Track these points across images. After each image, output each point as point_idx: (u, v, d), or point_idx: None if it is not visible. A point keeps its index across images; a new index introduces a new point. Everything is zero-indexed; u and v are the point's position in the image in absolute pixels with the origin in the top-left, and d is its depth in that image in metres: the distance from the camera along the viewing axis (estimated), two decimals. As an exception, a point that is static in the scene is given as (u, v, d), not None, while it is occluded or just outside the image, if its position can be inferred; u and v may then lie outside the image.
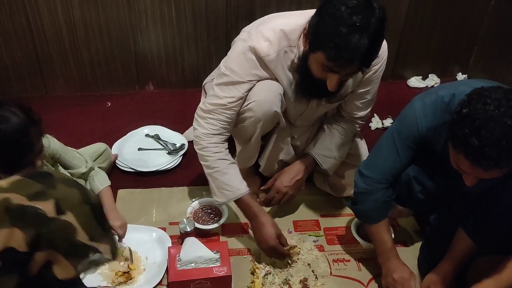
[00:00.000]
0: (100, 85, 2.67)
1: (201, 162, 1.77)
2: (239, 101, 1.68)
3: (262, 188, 1.95)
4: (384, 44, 1.68)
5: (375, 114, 2.53)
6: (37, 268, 1.00)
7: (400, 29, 2.71)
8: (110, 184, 1.86)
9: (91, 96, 2.65)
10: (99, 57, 2.56)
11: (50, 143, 1.74)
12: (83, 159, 1.84)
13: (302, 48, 1.57)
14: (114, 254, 1.09)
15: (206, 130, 1.71)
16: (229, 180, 1.72)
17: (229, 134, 1.76)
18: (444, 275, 1.58)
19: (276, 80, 1.68)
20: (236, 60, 1.64)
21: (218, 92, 1.68)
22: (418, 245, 1.85)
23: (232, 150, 1.83)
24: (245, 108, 1.69)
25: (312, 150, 1.90)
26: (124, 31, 2.50)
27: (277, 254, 1.71)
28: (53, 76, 2.60)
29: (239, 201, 1.73)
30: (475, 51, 2.83)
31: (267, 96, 1.66)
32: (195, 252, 1.63)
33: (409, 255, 1.80)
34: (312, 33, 1.47)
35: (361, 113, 1.87)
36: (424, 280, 1.62)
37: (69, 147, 1.85)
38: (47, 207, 0.98)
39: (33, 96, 2.59)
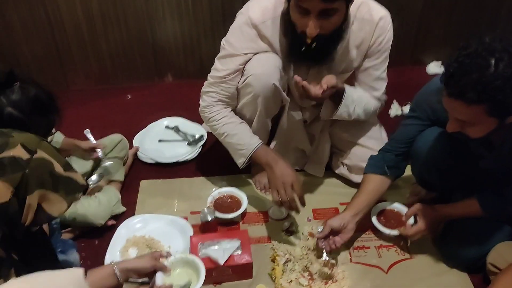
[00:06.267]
0: (120, 77, 2.70)
1: (214, 133, 1.83)
2: (235, 74, 1.72)
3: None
4: (387, 15, 1.71)
5: (394, 101, 2.50)
6: (32, 215, 1.04)
7: (418, 11, 2.66)
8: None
9: (111, 89, 2.68)
10: (118, 49, 2.59)
11: (55, 136, 1.79)
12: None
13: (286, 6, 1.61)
14: (85, 180, 1.16)
15: (206, 103, 1.78)
16: (239, 139, 1.76)
17: (231, 106, 1.81)
18: (435, 215, 1.67)
19: (274, 52, 1.71)
20: (234, 33, 1.71)
21: (217, 65, 1.75)
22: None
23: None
24: (244, 83, 1.72)
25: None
26: (142, 22, 2.52)
27: (289, 197, 1.64)
28: (74, 70, 2.64)
29: (255, 155, 1.74)
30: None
31: (264, 70, 1.68)
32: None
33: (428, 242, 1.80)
34: None
35: (375, 93, 1.86)
36: (414, 206, 1.71)
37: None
38: (18, 151, 1.01)
39: (54, 90, 2.61)
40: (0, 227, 1.02)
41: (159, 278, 1.43)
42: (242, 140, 1.75)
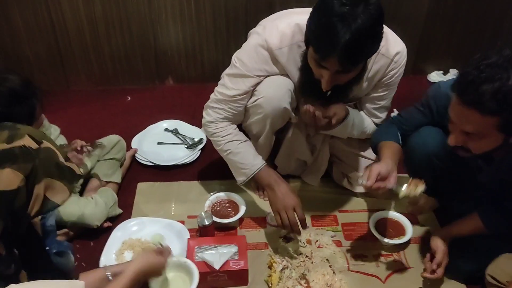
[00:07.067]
0: (121, 79, 2.71)
1: (216, 148, 1.81)
2: (245, 95, 1.70)
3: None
4: (403, 50, 1.68)
5: (394, 109, 2.50)
6: (39, 204, 1.07)
7: (421, 22, 2.68)
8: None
9: (112, 90, 2.68)
10: (120, 52, 2.60)
11: (52, 133, 1.78)
12: None
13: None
14: (80, 170, 1.21)
15: (211, 118, 1.75)
16: (242, 158, 1.74)
17: (237, 123, 1.79)
18: (447, 242, 1.63)
19: (287, 75, 1.68)
20: (247, 53, 1.66)
21: (227, 83, 1.71)
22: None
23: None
24: (254, 104, 1.70)
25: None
26: (144, 26, 2.52)
27: (291, 221, 1.64)
28: (75, 71, 2.64)
29: (257, 175, 1.73)
30: (498, 46, 2.78)
31: (276, 92, 1.67)
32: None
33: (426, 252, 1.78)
34: (306, 27, 1.48)
35: (376, 120, 1.87)
36: (438, 254, 1.62)
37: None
38: (28, 141, 1.05)
39: (55, 90, 2.63)
40: (4, 216, 1.03)
41: (153, 282, 1.41)
42: (245, 159, 1.74)
